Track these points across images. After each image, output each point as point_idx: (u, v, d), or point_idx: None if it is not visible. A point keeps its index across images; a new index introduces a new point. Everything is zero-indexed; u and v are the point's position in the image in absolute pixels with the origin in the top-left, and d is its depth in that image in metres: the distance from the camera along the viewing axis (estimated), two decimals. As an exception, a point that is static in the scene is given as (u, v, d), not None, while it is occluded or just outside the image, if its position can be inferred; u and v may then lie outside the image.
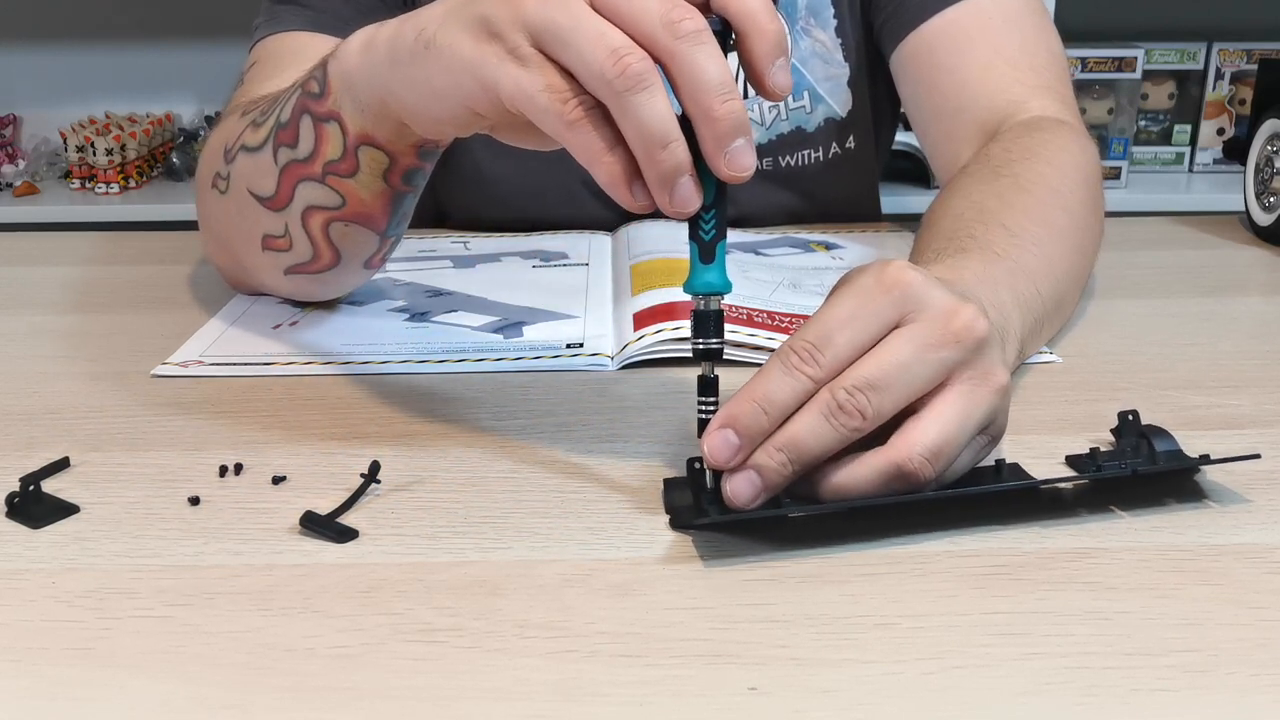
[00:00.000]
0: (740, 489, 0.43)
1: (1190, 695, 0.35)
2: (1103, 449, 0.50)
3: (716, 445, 0.43)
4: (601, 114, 0.43)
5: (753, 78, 0.43)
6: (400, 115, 0.51)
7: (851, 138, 0.94)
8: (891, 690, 0.35)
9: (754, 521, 0.44)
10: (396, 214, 0.60)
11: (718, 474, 0.44)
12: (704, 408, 0.45)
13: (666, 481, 0.48)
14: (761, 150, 0.92)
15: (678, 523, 0.45)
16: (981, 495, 0.46)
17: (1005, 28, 0.82)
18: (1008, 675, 0.36)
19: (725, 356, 0.45)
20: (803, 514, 0.44)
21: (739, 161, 0.42)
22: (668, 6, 0.42)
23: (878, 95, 0.94)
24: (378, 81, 0.51)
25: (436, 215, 1.00)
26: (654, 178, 0.42)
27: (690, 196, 0.43)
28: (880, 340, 0.44)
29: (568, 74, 0.43)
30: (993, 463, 0.47)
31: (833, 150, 0.93)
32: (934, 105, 0.85)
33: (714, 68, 0.41)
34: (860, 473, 0.43)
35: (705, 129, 0.42)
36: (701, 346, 0.45)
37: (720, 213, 0.44)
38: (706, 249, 0.45)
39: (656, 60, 0.42)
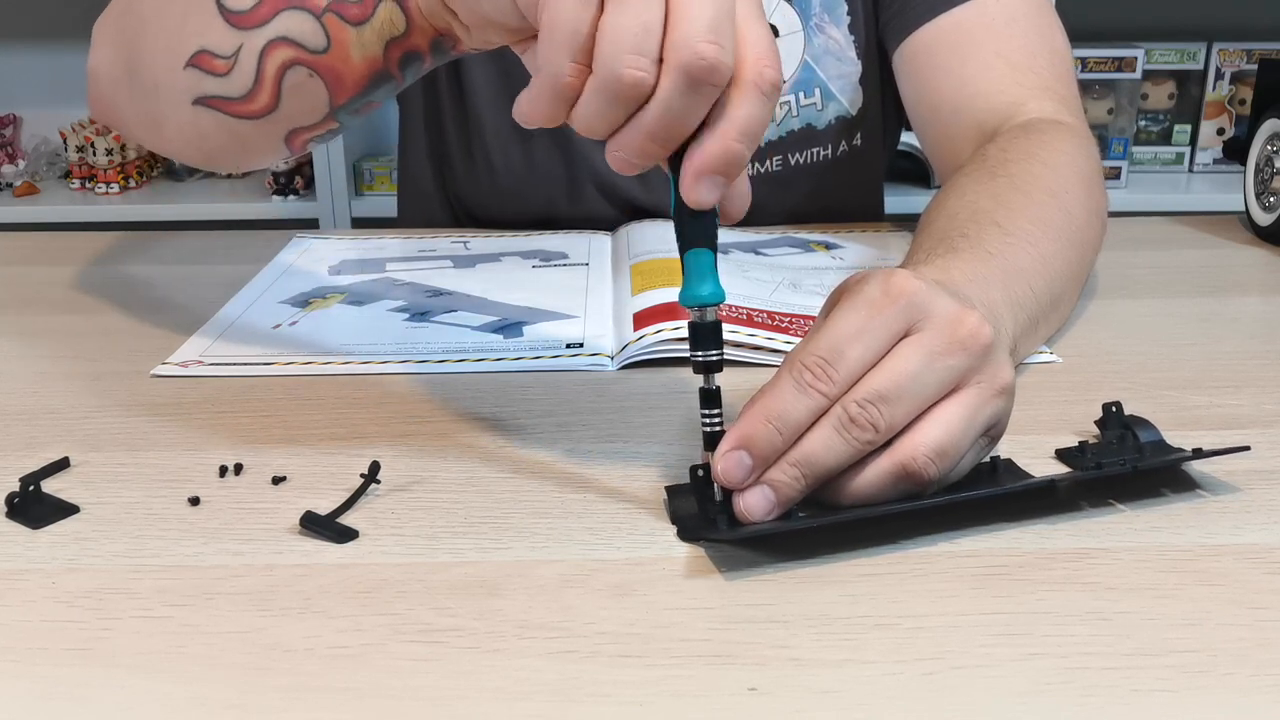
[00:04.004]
0: (754, 505, 0.43)
1: (1190, 695, 0.35)
2: (1090, 441, 0.50)
3: (730, 467, 0.43)
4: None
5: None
6: None
7: (859, 135, 0.94)
8: (891, 690, 0.35)
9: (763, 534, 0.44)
10: (361, 98, 0.56)
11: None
12: (708, 420, 0.45)
13: (669, 489, 0.48)
14: (771, 148, 0.92)
15: (686, 534, 0.45)
16: (983, 497, 0.46)
17: (1008, 29, 0.82)
18: (1008, 676, 0.36)
19: (725, 356, 0.45)
20: (814, 526, 0.44)
21: (705, 193, 0.42)
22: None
23: (888, 92, 0.94)
24: None
25: (449, 208, 1.00)
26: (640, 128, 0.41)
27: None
28: (889, 351, 0.44)
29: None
30: (988, 460, 0.47)
31: (840, 148, 0.94)
32: (932, 106, 0.85)
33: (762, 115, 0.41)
34: (867, 476, 0.43)
35: (710, 144, 0.41)
36: (701, 359, 0.45)
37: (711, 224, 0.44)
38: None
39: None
